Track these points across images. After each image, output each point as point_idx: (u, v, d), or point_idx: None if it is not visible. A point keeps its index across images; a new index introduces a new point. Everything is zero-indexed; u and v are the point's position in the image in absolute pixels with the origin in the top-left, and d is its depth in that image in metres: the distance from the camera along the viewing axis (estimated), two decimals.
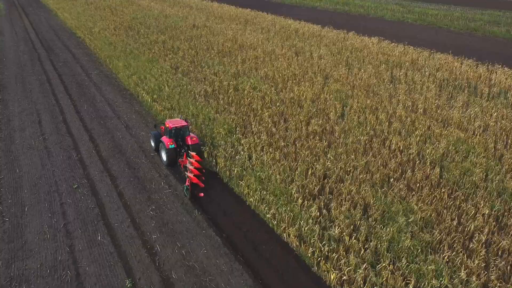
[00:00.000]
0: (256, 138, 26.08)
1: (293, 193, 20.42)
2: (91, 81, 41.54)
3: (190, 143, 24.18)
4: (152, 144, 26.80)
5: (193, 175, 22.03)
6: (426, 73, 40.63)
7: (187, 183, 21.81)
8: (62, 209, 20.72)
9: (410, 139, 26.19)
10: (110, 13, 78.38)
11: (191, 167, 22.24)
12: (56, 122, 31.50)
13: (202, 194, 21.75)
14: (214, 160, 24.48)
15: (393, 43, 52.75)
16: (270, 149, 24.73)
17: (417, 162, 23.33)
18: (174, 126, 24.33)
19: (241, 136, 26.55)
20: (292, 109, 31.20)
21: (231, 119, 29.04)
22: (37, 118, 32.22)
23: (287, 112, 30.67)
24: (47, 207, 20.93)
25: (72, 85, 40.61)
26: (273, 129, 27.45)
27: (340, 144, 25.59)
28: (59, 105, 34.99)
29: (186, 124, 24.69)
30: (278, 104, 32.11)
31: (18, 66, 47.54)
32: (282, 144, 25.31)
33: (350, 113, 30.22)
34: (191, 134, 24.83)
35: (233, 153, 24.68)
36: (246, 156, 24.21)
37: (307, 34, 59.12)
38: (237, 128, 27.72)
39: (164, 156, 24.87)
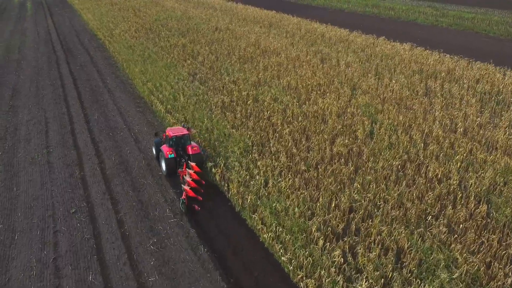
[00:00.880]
0: (274, 160, 23.44)
1: (313, 231, 17.70)
2: (106, 87, 39.80)
3: (190, 152, 23.08)
4: (154, 151, 25.79)
5: (190, 188, 20.89)
6: (465, 85, 37.01)
7: (183, 196, 20.65)
8: (55, 239, 18.64)
9: (450, 165, 23.00)
10: (133, 14, 77.17)
11: (188, 179, 21.26)
12: (64, 133, 29.71)
13: (198, 207, 20.62)
14: (226, 185, 21.96)
15: (427, 50, 49.05)
16: (289, 174, 22.05)
17: (458, 196, 20.19)
18: (174, 134, 23.35)
19: (257, 157, 23.95)
20: (315, 125, 28.41)
21: (248, 136, 26.49)
22: (44, 128, 30.54)
23: (310, 128, 27.89)
24: (39, 235, 18.91)
25: (85, 90, 38.96)
26: (294, 149, 24.74)
27: (368, 170, 22.67)
28: (69, 114, 33.28)
29: (187, 132, 23.70)
30: (300, 118, 29.35)
31: (35, 69, 46.42)
32: (303, 168, 22.58)
33: (380, 132, 27.18)
34: (193, 143, 23.75)
35: (247, 177, 22.11)
36: (262, 182, 21.61)
37: (334, 39, 55.98)
38: (254, 147, 25.15)
39: (163, 166, 23.80)
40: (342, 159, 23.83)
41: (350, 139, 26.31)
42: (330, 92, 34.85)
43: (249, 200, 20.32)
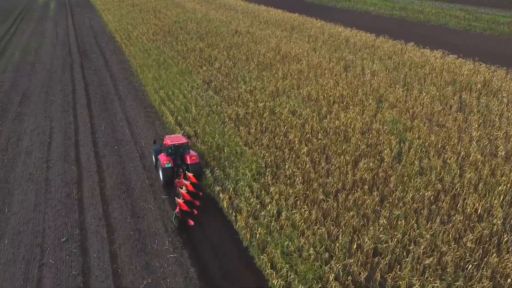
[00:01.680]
0: (288, 186, 20.96)
1: (330, 279, 15.14)
2: (117, 94, 38.08)
3: (189, 162, 22.26)
4: (153, 160, 24.85)
5: (184, 201, 19.78)
6: (504, 99, 33.60)
7: (177, 210, 19.52)
8: (39, 275, 16.68)
9: (491, 198, 20.03)
10: (153, 16, 75.82)
11: (183, 191, 20.28)
12: (67, 145, 27.98)
13: (192, 223, 19.38)
14: (234, 214, 19.59)
15: (460, 58, 45.52)
16: (305, 205, 19.53)
17: (503, 239, 17.27)
18: (172, 143, 22.49)
19: (270, 182, 21.50)
20: (336, 143, 25.76)
21: (262, 155, 24.06)
22: (48, 139, 28.89)
23: (330, 147, 25.27)
24: (23, 269, 16.99)
25: (96, 97, 37.33)
26: (311, 173, 22.19)
27: (396, 201, 19.92)
28: (75, 123, 31.60)
29: (185, 141, 22.86)
30: (320, 135, 26.75)
31: (48, 72, 45.22)
32: (321, 197, 20.01)
33: (409, 154, 24.32)
34: (192, 152, 22.91)
35: (258, 206, 19.69)
36: (274, 212, 19.16)
37: (359, 44, 52.94)
38: (267, 169, 22.70)
39: (160, 175, 23.03)
40: (366, 186, 21.15)
41: (375, 161, 23.56)
42: (353, 105, 32.09)
43: (258, 234, 17.91)
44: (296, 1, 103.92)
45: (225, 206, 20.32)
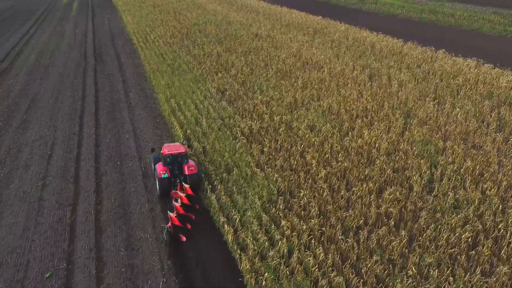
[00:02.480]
0: (302, 220, 18.45)
1: None
2: (127, 102, 36.27)
3: (187, 173, 21.21)
4: (153, 169, 23.33)
5: (176, 215, 18.62)
6: None
7: (169, 225, 18.51)
8: None
9: None
10: (173, 17, 74.30)
11: (176, 204, 19.35)
12: (67, 159, 26.19)
13: (184, 238, 18.38)
14: (238, 253, 17.20)
15: (497, 68, 41.88)
16: (321, 244, 16.98)
17: None
18: (169, 152, 21.42)
19: (281, 214, 19.02)
20: (358, 166, 23.09)
21: (274, 179, 21.61)
22: (48, 152, 27.19)
23: (352, 171, 22.61)
24: None
25: (105, 105, 35.60)
26: (329, 203, 19.62)
27: (427, 242, 17.15)
28: (80, 134, 29.86)
29: (184, 151, 21.71)
30: (340, 156, 24.11)
31: (60, 76, 43.91)
32: (339, 235, 17.42)
33: (441, 182, 21.42)
34: (190, 162, 21.70)
35: (265, 243, 17.25)
36: (285, 252, 16.70)
37: (385, 51, 49.80)
38: (280, 197, 20.23)
39: (157, 186, 21.93)
40: (392, 222, 18.43)
41: (403, 190, 20.78)
42: (378, 120, 29.28)
43: (264, 280, 15.47)
44: (320, 3, 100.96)
45: (229, 240, 17.97)
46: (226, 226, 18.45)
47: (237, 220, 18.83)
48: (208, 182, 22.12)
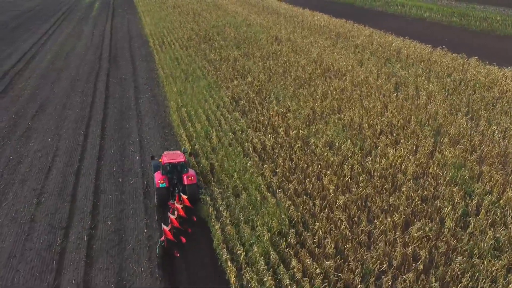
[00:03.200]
0: (316, 262, 16.10)
1: None
2: (137, 109, 34.58)
3: (186, 182, 20.44)
4: (153, 176, 22.32)
5: (170, 229, 17.72)
6: None
7: (162, 238, 17.74)
8: None
9: None
10: (192, 19, 72.75)
11: (171, 217, 18.41)
12: (67, 174, 24.53)
13: (178, 254, 17.48)
14: None
15: None
16: None
17: None
18: (168, 161, 20.74)
19: (292, 250, 16.73)
20: (382, 193, 20.60)
21: (286, 207, 19.34)
22: (48, 164, 25.61)
23: (374, 199, 20.14)
24: None
25: (113, 113, 33.99)
26: (347, 241, 17.22)
27: None
28: (83, 145, 28.24)
29: (183, 160, 20.96)
30: (361, 180, 21.64)
31: (72, 80, 42.64)
32: (358, 283, 15.01)
33: (478, 216, 18.73)
34: (190, 172, 20.92)
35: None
36: None
37: (412, 57, 46.77)
38: (292, 229, 17.94)
39: (155, 195, 21.14)
40: (421, 266, 15.92)
41: (433, 225, 18.19)
42: (405, 138, 26.61)
43: None
44: (344, 5, 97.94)
45: (232, 281, 15.80)
46: (229, 263, 16.29)
47: (242, 256, 16.64)
48: (214, 207, 20.00)
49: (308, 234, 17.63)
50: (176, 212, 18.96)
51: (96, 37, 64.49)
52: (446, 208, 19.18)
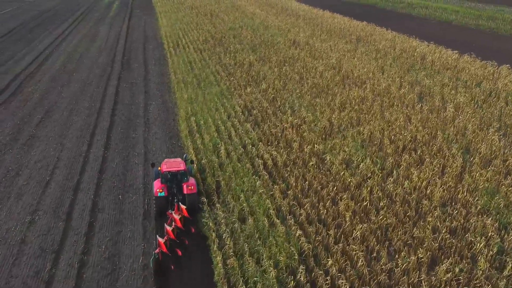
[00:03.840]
0: None
1: None
2: (145, 117, 33.09)
3: (185, 192, 19.74)
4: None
5: (165, 242, 17.00)
6: None
7: (157, 251, 17.02)
8: None
9: None
10: (209, 20, 71.29)
11: (168, 228, 17.66)
12: (65, 188, 23.11)
13: (173, 267, 16.90)
14: None
15: None
16: None
17: None
18: (167, 170, 20.05)
19: None
20: (404, 222, 18.44)
21: (297, 235, 17.38)
22: (47, 177, 24.24)
23: (396, 229, 18.00)
24: None
25: (120, 120, 32.59)
26: (365, 283, 15.16)
27: None
28: (86, 156, 26.83)
29: (183, 168, 20.20)
30: (381, 206, 19.52)
31: (82, 84, 41.52)
32: None
33: None
34: (191, 180, 20.20)
35: None
36: None
37: (438, 64, 44.13)
38: (302, 265, 15.97)
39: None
40: None
41: (464, 265, 15.97)
42: (430, 156, 24.32)
43: None
44: (365, 7, 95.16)
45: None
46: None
47: None
48: (217, 234, 18.18)
49: (320, 272, 15.62)
50: (173, 223, 18.15)
51: (111, 38, 63.59)
52: (478, 244, 16.92)
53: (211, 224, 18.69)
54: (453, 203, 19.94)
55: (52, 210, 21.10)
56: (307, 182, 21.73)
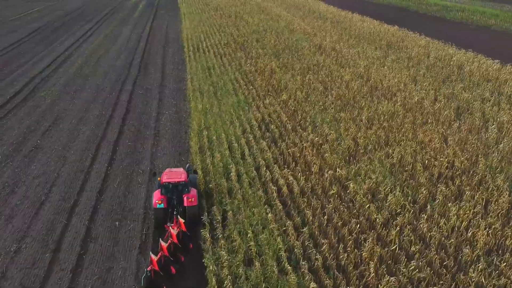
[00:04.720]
0: None
1: None
2: (155, 129, 30.98)
3: (186, 204, 18.89)
4: None
5: (158, 259, 16.09)
6: None
7: (149, 268, 15.95)
8: None
9: None
10: (233, 23, 69.08)
11: (163, 244, 16.70)
12: (60, 211, 21.11)
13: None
14: None
15: None
16: None
17: None
18: (167, 180, 19.24)
19: None
20: (440, 273, 15.44)
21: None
22: (43, 197, 22.33)
23: (430, 286, 15.01)
24: None
25: (129, 131, 30.61)
26: None
27: None
28: (87, 172, 24.84)
29: (184, 179, 19.26)
30: (413, 252, 16.56)
31: (96, 89, 39.87)
32: None
33: None
34: (192, 192, 19.14)
35: None
36: None
37: (477, 75, 40.36)
38: None
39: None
40: None
41: None
42: (471, 189, 21.07)
43: None
44: (397, 10, 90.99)
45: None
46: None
47: None
48: (217, 280, 15.66)
49: None
50: (169, 239, 17.24)
51: (133, 40, 62.19)
52: None
53: (211, 267, 16.17)
54: (501, 251, 16.78)
55: (41, 238, 19.10)
56: (326, 216, 18.95)
